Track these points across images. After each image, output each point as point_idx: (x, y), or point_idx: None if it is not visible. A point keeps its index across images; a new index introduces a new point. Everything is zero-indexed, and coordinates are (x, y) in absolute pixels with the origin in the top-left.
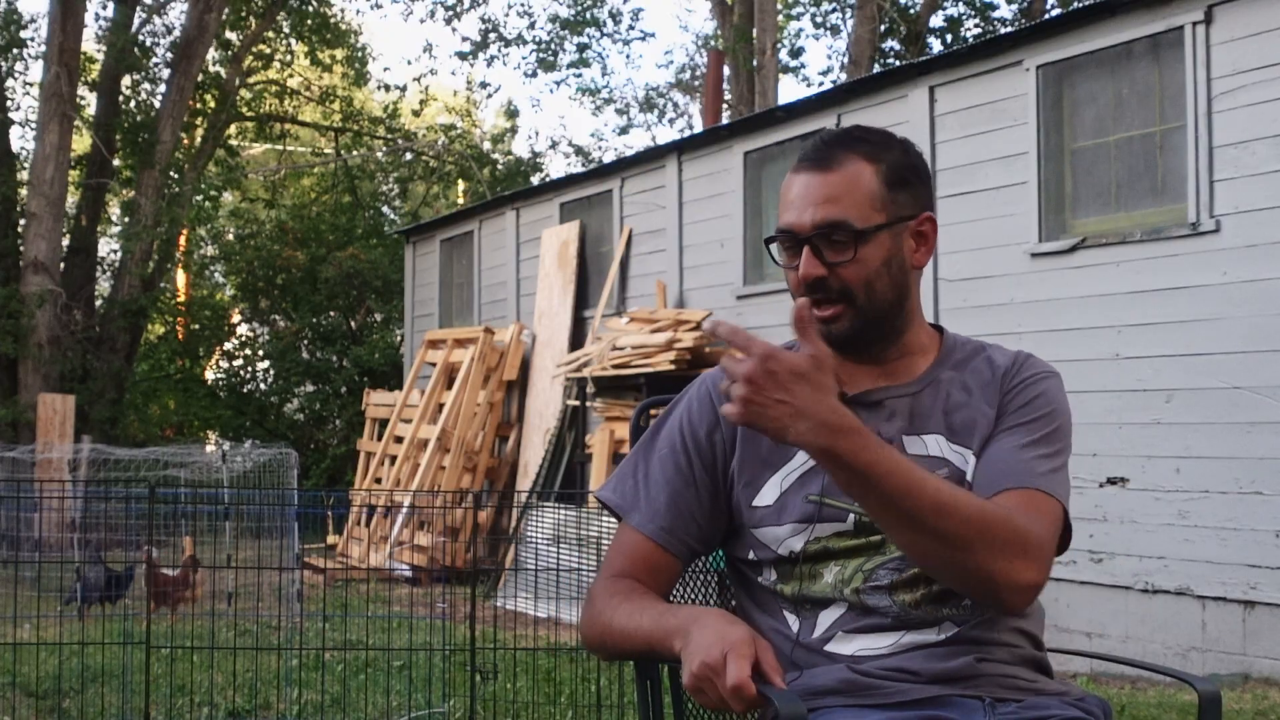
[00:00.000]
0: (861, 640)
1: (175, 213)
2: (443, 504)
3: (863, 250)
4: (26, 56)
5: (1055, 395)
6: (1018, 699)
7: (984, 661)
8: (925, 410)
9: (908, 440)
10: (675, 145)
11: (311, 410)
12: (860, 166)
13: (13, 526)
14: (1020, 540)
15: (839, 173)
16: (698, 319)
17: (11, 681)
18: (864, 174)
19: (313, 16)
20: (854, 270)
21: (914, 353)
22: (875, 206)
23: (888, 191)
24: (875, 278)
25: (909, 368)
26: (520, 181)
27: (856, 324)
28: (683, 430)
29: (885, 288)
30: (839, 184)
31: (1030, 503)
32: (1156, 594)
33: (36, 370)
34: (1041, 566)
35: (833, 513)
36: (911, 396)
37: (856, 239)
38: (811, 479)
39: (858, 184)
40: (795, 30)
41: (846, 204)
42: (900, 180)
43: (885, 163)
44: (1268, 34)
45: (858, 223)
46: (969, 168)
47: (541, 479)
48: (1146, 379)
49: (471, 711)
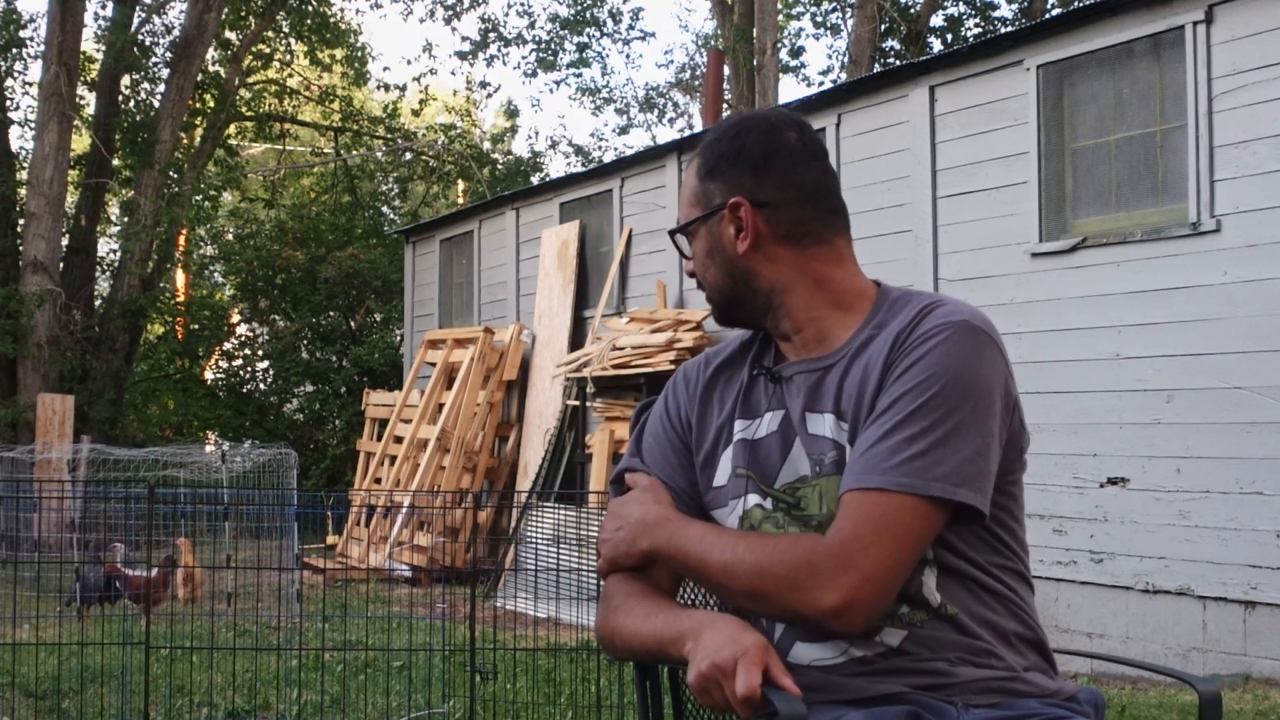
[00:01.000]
0: (814, 651)
1: (175, 212)
2: (442, 504)
3: (693, 245)
4: (26, 56)
5: (942, 354)
6: (993, 702)
7: (946, 670)
8: (827, 386)
9: (809, 418)
10: (675, 145)
11: (311, 410)
12: (691, 168)
13: (12, 526)
14: (805, 568)
15: (686, 181)
16: (698, 319)
17: (11, 682)
18: (690, 173)
19: (312, 16)
20: (692, 265)
21: (822, 322)
22: (693, 202)
23: (700, 185)
24: (704, 268)
25: (824, 338)
26: (520, 181)
27: (717, 308)
28: (662, 418)
29: (715, 275)
30: (683, 193)
31: (854, 510)
32: (1157, 594)
33: (36, 370)
34: (849, 579)
35: (757, 488)
36: (820, 371)
37: (680, 239)
38: (740, 451)
39: (688, 187)
40: (795, 30)
41: (681, 209)
42: (711, 171)
43: (705, 156)
44: (1268, 34)
45: (679, 222)
46: (969, 168)
47: (541, 479)
48: (1147, 379)
49: (471, 712)
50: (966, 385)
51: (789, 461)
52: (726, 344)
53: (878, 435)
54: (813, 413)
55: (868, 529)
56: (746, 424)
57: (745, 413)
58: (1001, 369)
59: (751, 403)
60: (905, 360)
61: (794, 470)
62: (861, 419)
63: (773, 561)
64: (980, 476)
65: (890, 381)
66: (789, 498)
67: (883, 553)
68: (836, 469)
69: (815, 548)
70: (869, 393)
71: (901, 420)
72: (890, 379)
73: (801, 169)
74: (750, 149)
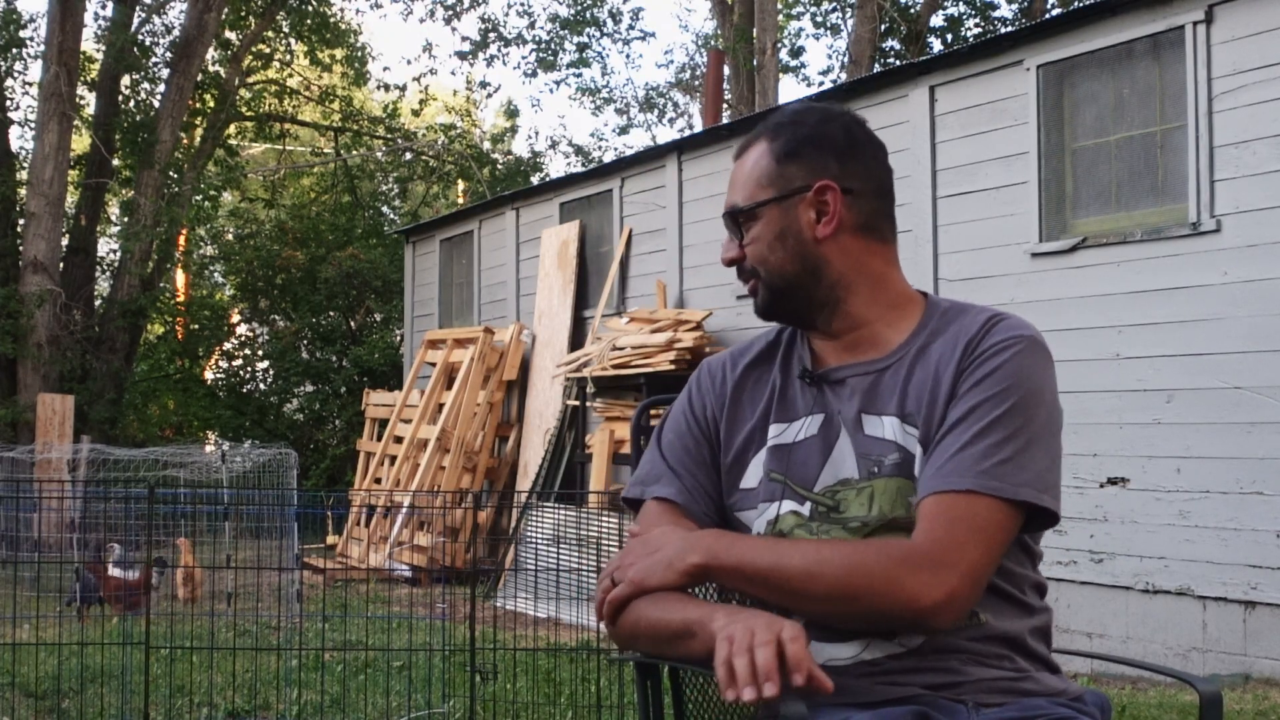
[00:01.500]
0: (829, 650)
1: (175, 213)
2: (442, 504)
3: (756, 228)
4: (26, 56)
5: (1017, 367)
6: (1002, 701)
7: (958, 669)
8: (886, 388)
9: (866, 419)
10: (675, 145)
11: (311, 410)
12: (758, 148)
13: (12, 526)
14: (903, 565)
15: (742, 159)
16: (698, 319)
17: (11, 682)
18: (759, 155)
19: (312, 16)
20: (754, 248)
21: (875, 324)
22: (763, 184)
23: (777, 166)
24: (770, 252)
25: (876, 341)
26: (520, 181)
27: (768, 297)
28: (685, 415)
29: (782, 260)
30: (741, 171)
31: (944, 511)
32: (1157, 594)
33: (36, 370)
34: (947, 577)
35: (793, 493)
36: (876, 373)
37: (745, 218)
38: (775, 456)
39: (753, 167)
40: (795, 30)
41: (739, 189)
42: (791, 153)
43: (781, 137)
44: (1268, 34)
45: (743, 204)
46: (969, 168)
47: (541, 479)
48: (1147, 379)
49: (471, 712)
50: (1040, 398)
51: (830, 464)
52: (750, 343)
53: (963, 440)
54: (870, 414)
55: (961, 529)
56: (782, 427)
57: (781, 416)
58: (1056, 386)
59: (788, 406)
60: (980, 369)
61: (835, 473)
62: (934, 424)
63: (866, 561)
64: (1056, 485)
65: (965, 389)
66: (828, 501)
67: (977, 552)
68: (897, 471)
69: (911, 548)
70: (940, 398)
71: (985, 427)
72: (964, 386)
73: (879, 163)
74: (836, 135)
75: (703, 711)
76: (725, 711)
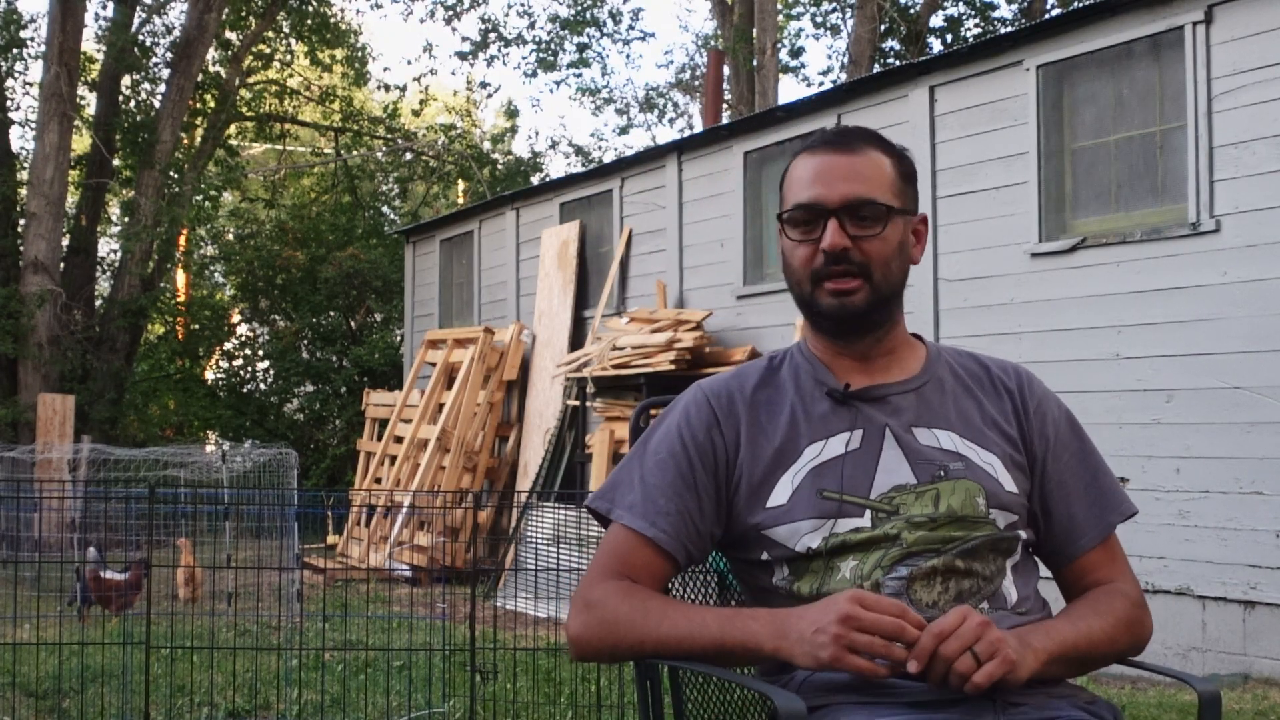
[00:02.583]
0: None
1: (175, 213)
2: (443, 504)
3: (881, 230)
4: (26, 56)
5: (1056, 399)
6: (1028, 700)
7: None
8: (933, 405)
9: (918, 431)
10: (675, 145)
11: (311, 410)
12: (880, 156)
13: (13, 526)
14: (1137, 615)
15: (863, 157)
16: (698, 319)
17: (11, 681)
18: (884, 162)
19: (312, 16)
20: (877, 246)
21: (898, 351)
22: (894, 192)
23: (902, 184)
24: (892, 257)
25: (898, 366)
26: (520, 181)
27: (870, 300)
28: (681, 435)
29: (896, 269)
30: (865, 165)
31: (1113, 559)
32: (1156, 594)
33: (36, 370)
34: (1146, 606)
35: (851, 509)
36: (915, 392)
37: (886, 214)
38: (823, 474)
39: (881, 169)
40: (795, 30)
41: (873, 184)
42: (909, 175)
43: (897, 156)
44: (1268, 34)
45: (881, 199)
46: (969, 168)
47: (541, 479)
48: (1146, 379)
49: (471, 711)
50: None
51: (881, 472)
52: (743, 370)
53: (1094, 470)
54: (922, 427)
55: (1126, 561)
56: (821, 445)
57: (817, 434)
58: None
59: (822, 424)
60: (1038, 402)
61: (889, 480)
62: (994, 440)
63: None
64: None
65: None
66: (886, 506)
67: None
68: (964, 474)
69: (1129, 596)
70: (996, 418)
71: (1094, 455)
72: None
73: None
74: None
75: (703, 711)
76: (725, 711)
